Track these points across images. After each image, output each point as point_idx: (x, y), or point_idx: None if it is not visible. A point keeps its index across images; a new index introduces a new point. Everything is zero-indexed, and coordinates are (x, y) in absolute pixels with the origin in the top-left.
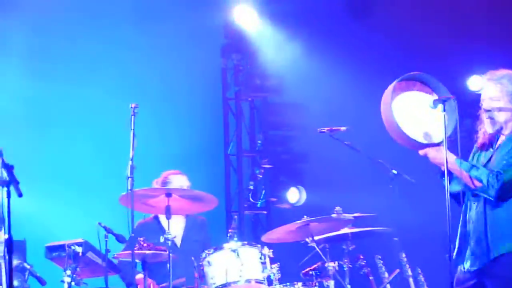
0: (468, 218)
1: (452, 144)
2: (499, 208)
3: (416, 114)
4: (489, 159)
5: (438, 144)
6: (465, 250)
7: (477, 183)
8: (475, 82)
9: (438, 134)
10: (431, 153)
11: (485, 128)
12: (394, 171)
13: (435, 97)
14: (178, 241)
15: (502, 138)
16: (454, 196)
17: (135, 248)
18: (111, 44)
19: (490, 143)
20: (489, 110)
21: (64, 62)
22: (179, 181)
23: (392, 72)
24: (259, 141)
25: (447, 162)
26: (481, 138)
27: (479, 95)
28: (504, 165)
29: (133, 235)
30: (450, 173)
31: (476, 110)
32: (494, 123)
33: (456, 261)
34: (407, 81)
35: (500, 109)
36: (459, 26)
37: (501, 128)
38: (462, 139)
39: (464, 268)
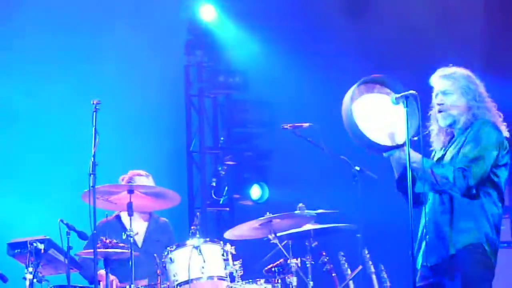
0: (427, 214)
1: (415, 144)
2: (464, 203)
3: (378, 116)
4: (444, 155)
5: (402, 145)
6: (425, 246)
7: (443, 180)
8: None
9: (401, 135)
10: (395, 154)
11: (438, 123)
12: (357, 168)
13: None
14: (139, 242)
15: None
16: (416, 196)
17: (97, 246)
18: (73, 40)
19: (444, 144)
20: (441, 104)
21: (25, 58)
22: (143, 183)
23: (356, 69)
24: (222, 138)
25: (411, 162)
26: (442, 137)
27: None
28: (466, 161)
29: (95, 232)
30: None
31: None
32: (446, 116)
33: (417, 258)
34: (366, 84)
35: (452, 103)
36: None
37: (454, 122)
38: (425, 137)
39: (424, 263)
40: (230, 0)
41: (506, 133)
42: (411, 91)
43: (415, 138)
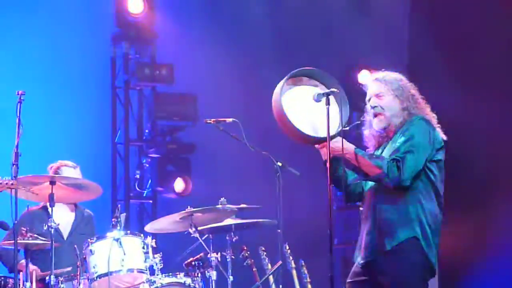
0: (363, 210)
1: (348, 136)
2: (400, 198)
3: (307, 108)
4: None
5: (332, 137)
6: (360, 242)
7: (377, 171)
8: (366, 76)
9: (331, 127)
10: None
11: (373, 127)
12: (279, 164)
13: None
14: (65, 233)
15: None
16: (349, 192)
17: (18, 238)
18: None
19: (379, 145)
20: (375, 106)
21: None
22: (70, 174)
23: (281, 65)
24: (147, 130)
25: (344, 153)
26: (372, 142)
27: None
28: (400, 152)
29: (16, 222)
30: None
31: (365, 104)
32: (381, 119)
33: (356, 254)
34: (295, 77)
35: (386, 105)
36: None
37: (389, 125)
38: (351, 131)
39: (357, 262)
40: None
41: (442, 135)
42: (333, 89)
43: (347, 128)
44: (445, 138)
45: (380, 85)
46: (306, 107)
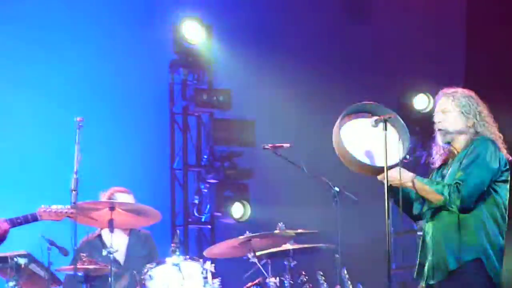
0: (426, 233)
1: (408, 164)
2: (463, 219)
3: (366, 139)
4: (443, 176)
5: (393, 167)
6: (424, 265)
7: (439, 197)
8: (421, 101)
9: (392, 156)
10: (389, 175)
11: (437, 141)
12: (337, 189)
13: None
14: (121, 259)
15: (454, 156)
16: (415, 217)
17: (78, 264)
18: (60, 55)
19: (445, 163)
20: (439, 122)
21: (12, 71)
22: (124, 200)
23: (338, 91)
24: (205, 156)
25: (403, 182)
26: (438, 160)
27: (424, 114)
28: (462, 174)
29: (75, 248)
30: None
31: (421, 128)
32: (444, 134)
33: (417, 277)
34: (350, 114)
35: (451, 121)
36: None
37: (452, 141)
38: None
39: (424, 284)
40: (215, 19)
41: (507, 155)
42: (389, 114)
43: (407, 158)
44: (510, 158)
45: (447, 101)
46: (366, 138)
